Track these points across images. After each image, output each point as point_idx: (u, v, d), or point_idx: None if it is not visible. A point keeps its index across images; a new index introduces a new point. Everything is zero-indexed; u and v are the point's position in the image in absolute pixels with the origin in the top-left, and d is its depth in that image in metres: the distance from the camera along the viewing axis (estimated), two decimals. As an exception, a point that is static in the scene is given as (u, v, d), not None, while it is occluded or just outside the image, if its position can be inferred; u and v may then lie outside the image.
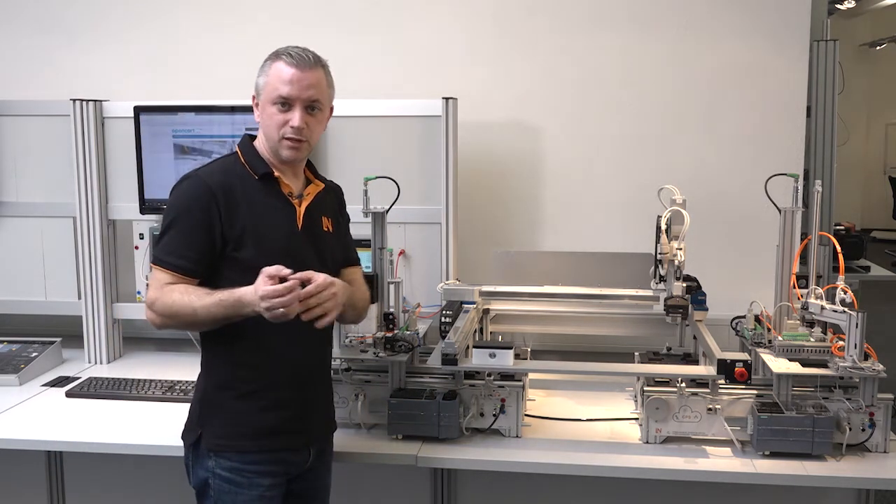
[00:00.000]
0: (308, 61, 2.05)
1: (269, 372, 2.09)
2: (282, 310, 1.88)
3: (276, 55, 2.07)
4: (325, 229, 2.20)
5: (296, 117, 2.03)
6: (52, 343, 3.19)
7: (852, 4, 7.88)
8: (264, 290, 1.88)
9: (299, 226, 2.12)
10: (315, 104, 2.07)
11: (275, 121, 2.04)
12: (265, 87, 2.05)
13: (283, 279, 1.90)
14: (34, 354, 3.09)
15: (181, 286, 2.00)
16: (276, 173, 2.10)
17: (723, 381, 2.36)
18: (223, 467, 2.07)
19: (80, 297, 3.24)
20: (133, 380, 2.91)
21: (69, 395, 2.84)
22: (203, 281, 2.03)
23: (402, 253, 3.10)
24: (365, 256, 2.80)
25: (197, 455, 2.10)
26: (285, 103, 2.03)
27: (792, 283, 2.57)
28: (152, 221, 3.17)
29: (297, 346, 2.11)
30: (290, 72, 2.03)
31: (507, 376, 2.49)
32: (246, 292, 1.93)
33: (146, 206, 3.15)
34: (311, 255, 2.11)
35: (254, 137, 2.16)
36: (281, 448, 2.13)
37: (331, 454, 2.31)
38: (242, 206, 2.04)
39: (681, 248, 2.53)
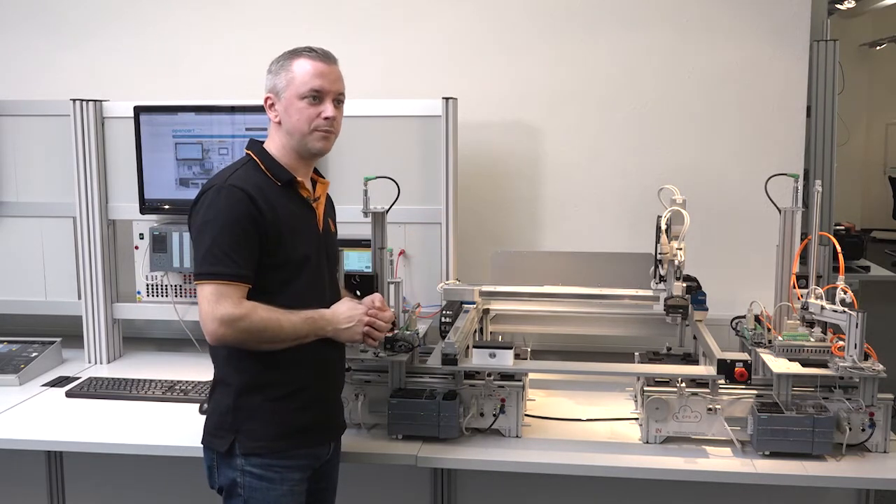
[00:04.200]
0: (331, 57, 2.12)
1: (305, 372, 2.11)
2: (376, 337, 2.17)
3: (294, 54, 2.09)
4: (332, 230, 2.26)
5: (329, 108, 2.07)
6: (52, 343, 3.19)
7: (852, 4, 7.87)
8: (376, 321, 2.15)
9: (319, 229, 2.17)
10: (340, 97, 2.13)
11: (305, 114, 2.06)
12: (290, 83, 2.06)
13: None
14: (34, 354, 3.09)
15: (262, 305, 1.99)
16: (298, 178, 2.12)
17: (723, 381, 2.36)
18: (254, 465, 2.06)
19: (80, 297, 3.24)
20: (133, 380, 2.91)
21: (69, 395, 2.85)
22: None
23: (402, 253, 3.10)
24: (365, 256, 2.81)
25: (223, 457, 2.08)
26: (316, 96, 2.07)
27: (792, 283, 2.57)
28: (152, 221, 3.17)
29: (330, 346, 2.16)
30: (320, 66, 2.07)
31: (507, 376, 2.49)
32: (329, 314, 2.10)
33: (146, 206, 3.14)
34: (325, 259, 2.18)
35: (261, 142, 2.15)
36: (313, 444, 2.16)
37: (340, 450, 2.33)
38: (274, 214, 2.03)
39: (681, 248, 2.53)
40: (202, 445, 2.15)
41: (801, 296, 2.53)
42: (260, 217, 2.00)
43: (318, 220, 2.17)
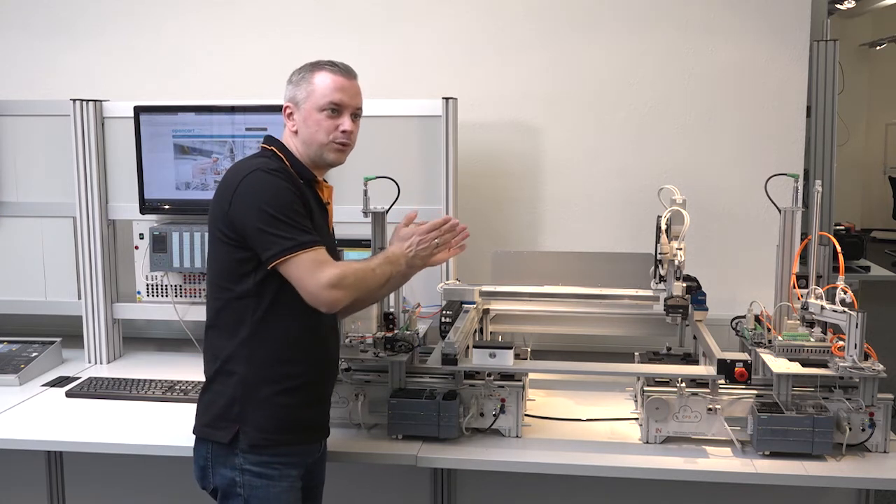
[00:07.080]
0: (352, 72, 2.17)
1: (314, 367, 2.14)
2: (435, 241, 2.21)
3: (316, 66, 2.14)
4: (332, 230, 2.31)
5: (346, 122, 2.13)
6: (52, 343, 3.19)
7: (852, 4, 7.89)
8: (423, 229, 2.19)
9: (331, 229, 2.25)
10: (358, 112, 2.18)
11: (324, 126, 2.11)
12: (310, 95, 2.11)
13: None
14: (34, 354, 3.09)
15: (345, 260, 2.13)
16: (319, 179, 2.19)
17: (723, 381, 2.36)
18: (253, 462, 2.06)
19: (80, 297, 3.24)
20: (133, 380, 2.91)
21: (69, 395, 2.85)
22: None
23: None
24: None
25: (220, 454, 2.08)
26: (335, 109, 2.12)
27: (792, 283, 2.57)
28: (152, 221, 3.17)
29: (332, 340, 2.23)
30: (340, 80, 2.13)
31: (507, 376, 2.49)
32: (394, 248, 2.18)
33: (146, 206, 3.14)
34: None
35: (279, 140, 2.18)
36: (310, 441, 2.19)
37: (326, 448, 2.33)
38: (308, 205, 2.08)
39: (681, 248, 2.53)
40: (196, 438, 2.14)
41: (801, 296, 2.53)
42: (301, 200, 2.05)
43: (330, 220, 2.24)
